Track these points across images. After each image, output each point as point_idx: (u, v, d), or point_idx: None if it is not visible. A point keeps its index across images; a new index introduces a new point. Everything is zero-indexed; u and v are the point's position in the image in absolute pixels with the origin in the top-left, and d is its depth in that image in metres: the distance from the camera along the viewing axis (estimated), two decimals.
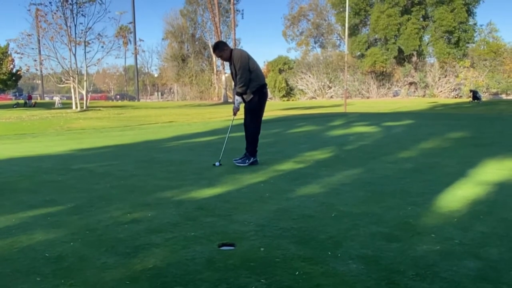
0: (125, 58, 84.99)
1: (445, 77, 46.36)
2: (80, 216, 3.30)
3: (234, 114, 5.64)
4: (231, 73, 5.53)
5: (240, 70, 5.25)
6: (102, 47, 32.01)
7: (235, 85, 5.49)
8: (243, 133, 5.64)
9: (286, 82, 51.91)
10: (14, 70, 40.77)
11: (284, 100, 49.66)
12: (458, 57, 46.65)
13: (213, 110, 27.76)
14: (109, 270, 2.28)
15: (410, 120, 13.22)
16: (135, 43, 53.20)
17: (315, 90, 51.30)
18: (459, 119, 13.43)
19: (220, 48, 5.42)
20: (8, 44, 38.54)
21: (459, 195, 3.71)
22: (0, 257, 2.50)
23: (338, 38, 59.24)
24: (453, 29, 45.10)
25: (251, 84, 5.32)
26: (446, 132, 9.35)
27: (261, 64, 59.41)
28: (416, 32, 46.23)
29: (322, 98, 49.99)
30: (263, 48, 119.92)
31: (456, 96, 45.30)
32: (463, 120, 13.22)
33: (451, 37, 46.35)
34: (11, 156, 7.21)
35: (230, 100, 49.13)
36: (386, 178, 4.59)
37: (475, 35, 47.55)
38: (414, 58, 49.29)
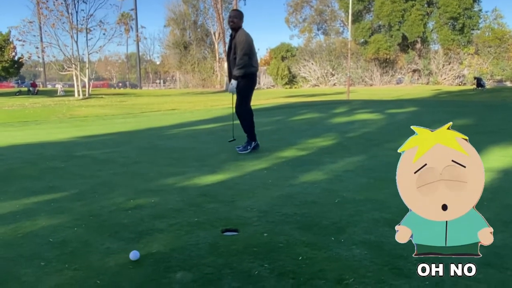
0: (127, 45, 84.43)
1: (449, 64, 45.97)
2: (83, 202, 3.31)
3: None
4: (228, 49, 5.48)
5: (242, 51, 5.21)
6: (104, 34, 31.88)
7: (228, 63, 5.51)
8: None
9: (289, 69, 51.57)
10: (16, 58, 40.61)
11: (286, 88, 49.41)
12: (463, 44, 46.20)
13: (216, 98, 27.68)
14: (112, 255, 2.29)
15: (414, 107, 13.15)
16: (137, 30, 53.03)
17: (318, 77, 50.99)
18: (462, 106, 13.34)
19: (240, 17, 5.41)
20: (9, 32, 38.32)
21: None
22: (5, 242, 2.52)
23: (342, 24, 58.71)
24: (458, 15, 44.58)
25: (248, 69, 5.30)
26: (450, 119, 9.18)
27: (264, 51, 58.93)
28: (420, 18, 45.74)
29: (325, 86, 49.73)
30: (266, 35, 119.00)
31: (460, 83, 45.00)
32: (466, 107, 13.13)
33: (455, 23, 45.84)
34: (14, 143, 7.22)
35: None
36: (389, 165, 4.57)
37: (480, 21, 46.98)
38: (418, 45, 48.84)
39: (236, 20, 5.35)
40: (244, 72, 5.27)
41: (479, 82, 29.54)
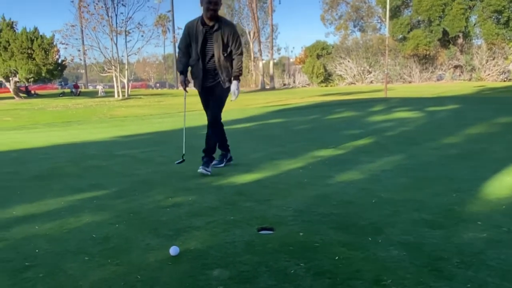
0: (164, 46, 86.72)
1: (493, 59, 44.03)
2: (124, 200, 3.42)
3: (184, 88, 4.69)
4: (204, 42, 4.27)
5: (238, 47, 4.35)
6: (142, 36, 32.79)
7: (203, 60, 4.38)
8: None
9: (325, 67, 51.01)
10: (59, 60, 42.22)
11: (322, 86, 48.93)
12: (508, 38, 44.15)
13: (250, 97, 27.79)
14: (152, 251, 2.36)
15: (455, 104, 12.70)
16: (173, 32, 53.85)
17: (354, 75, 50.17)
18: (508, 103, 12.77)
19: (220, 3, 4.23)
20: (53, 35, 39.81)
21: (507, 182, 3.55)
22: (51, 237, 2.64)
23: (379, 21, 57.42)
24: (503, 8, 42.62)
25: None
26: (494, 116, 8.91)
27: (299, 50, 58.30)
28: (462, 12, 44.08)
29: (362, 84, 48.86)
30: (301, 33, 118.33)
31: (505, 79, 43.02)
32: None
33: (500, 17, 43.85)
34: (58, 143, 7.54)
35: (268, 87, 48.87)
36: (429, 164, 4.45)
37: None
38: (460, 40, 47.10)
39: (217, 7, 4.15)
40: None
41: None
